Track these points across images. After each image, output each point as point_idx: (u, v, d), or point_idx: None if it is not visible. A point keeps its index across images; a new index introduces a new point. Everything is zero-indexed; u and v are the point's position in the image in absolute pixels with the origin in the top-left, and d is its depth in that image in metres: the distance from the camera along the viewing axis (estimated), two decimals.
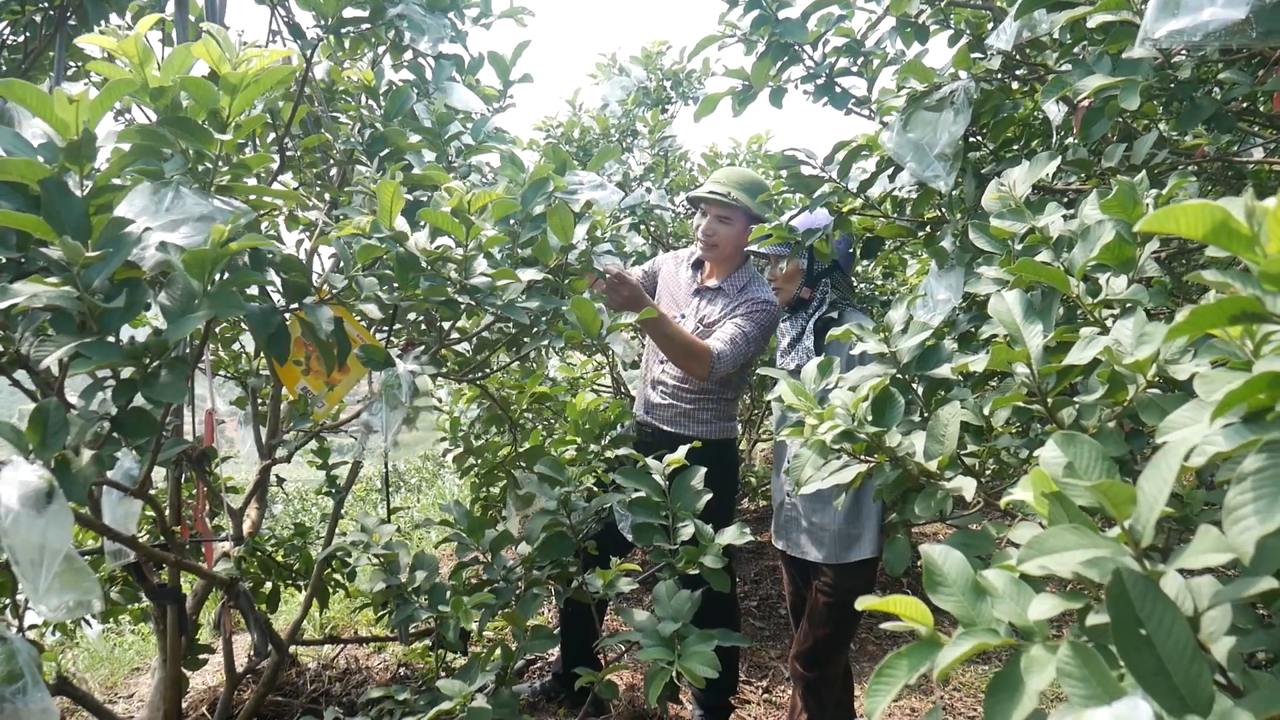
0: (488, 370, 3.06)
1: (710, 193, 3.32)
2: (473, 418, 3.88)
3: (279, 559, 3.31)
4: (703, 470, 2.24)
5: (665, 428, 3.43)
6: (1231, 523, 0.81)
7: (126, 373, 1.39)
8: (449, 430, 3.86)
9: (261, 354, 2.80)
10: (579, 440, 2.66)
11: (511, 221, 2.06)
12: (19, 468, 1.21)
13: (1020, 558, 0.89)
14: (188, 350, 2.24)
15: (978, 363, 1.49)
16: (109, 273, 1.26)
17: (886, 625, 1.04)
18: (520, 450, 3.63)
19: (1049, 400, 1.41)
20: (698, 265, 3.56)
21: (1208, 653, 0.89)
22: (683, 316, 3.45)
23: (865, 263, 4.80)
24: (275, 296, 1.78)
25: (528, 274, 1.93)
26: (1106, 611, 0.85)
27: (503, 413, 3.63)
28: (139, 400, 1.39)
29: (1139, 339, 1.21)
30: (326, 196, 2.77)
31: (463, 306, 1.90)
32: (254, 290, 1.79)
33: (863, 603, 1.04)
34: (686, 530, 2.12)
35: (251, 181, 1.65)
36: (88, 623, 3.33)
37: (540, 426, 3.89)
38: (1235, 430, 0.88)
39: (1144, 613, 0.83)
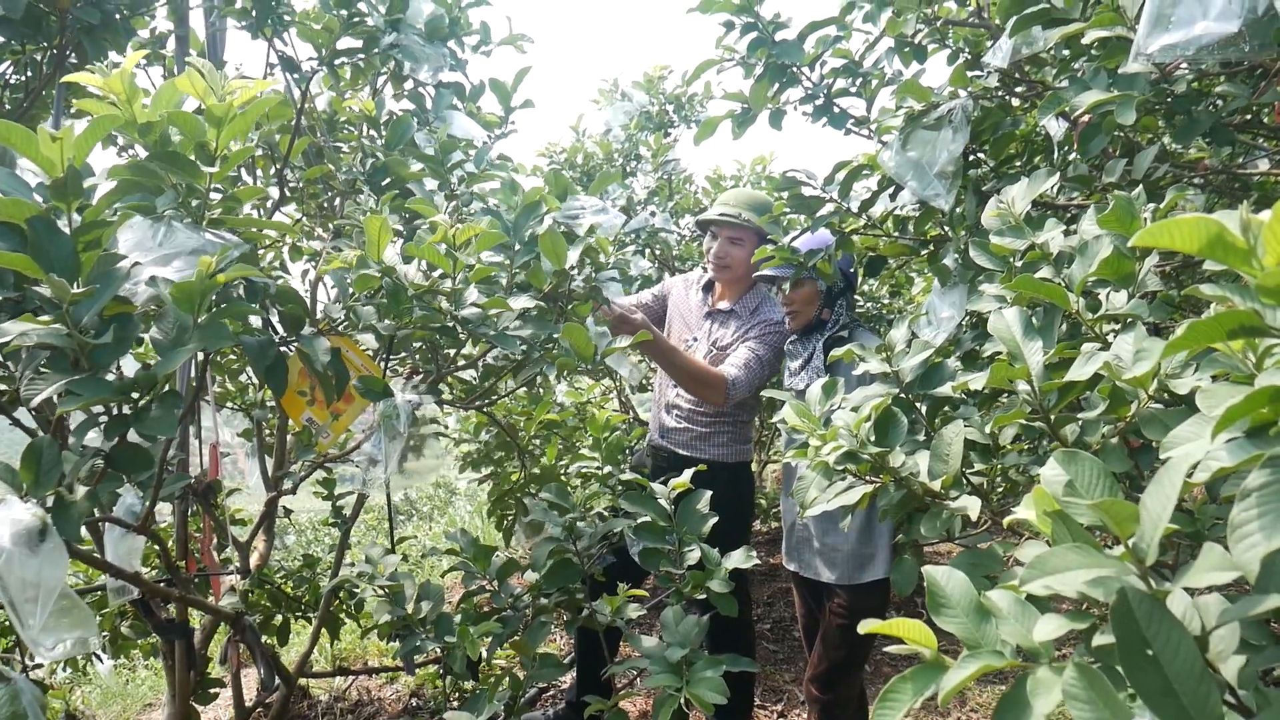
0: (493, 398, 3.06)
1: (720, 215, 3.32)
2: (483, 441, 3.89)
3: (288, 591, 3.30)
4: (708, 493, 2.22)
5: (681, 451, 3.42)
6: (1236, 540, 0.80)
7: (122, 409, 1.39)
8: (472, 431, 3.86)
9: (264, 387, 2.80)
10: (599, 458, 2.64)
11: (504, 247, 2.05)
12: (12, 506, 1.21)
13: (1023, 578, 0.88)
14: (193, 381, 2.24)
15: (977, 380, 1.48)
16: (98, 309, 1.26)
17: (891, 648, 1.02)
18: (530, 474, 3.62)
19: (1051, 417, 1.40)
20: (708, 288, 3.56)
21: (1217, 672, 0.87)
22: (695, 340, 3.44)
23: (871, 282, 4.80)
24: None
25: (519, 302, 1.92)
26: (1112, 632, 0.84)
27: (511, 439, 3.62)
28: (133, 436, 1.38)
29: (1137, 354, 1.20)
30: (330, 227, 2.78)
31: (463, 335, 1.90)
32: (257, 323, 1.79)
33: (865, 626, 1.03)
34: (693, 555, 2.11)
35: (247, 213, 1.66)
36: (99, 659, 3.32)
37: (558, 445, 3.87)
38: (1239, 445, 0.87)
39: (1150, 632, 0.82)
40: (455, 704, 2.29)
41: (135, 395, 1.33)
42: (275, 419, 2.93)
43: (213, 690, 2.88)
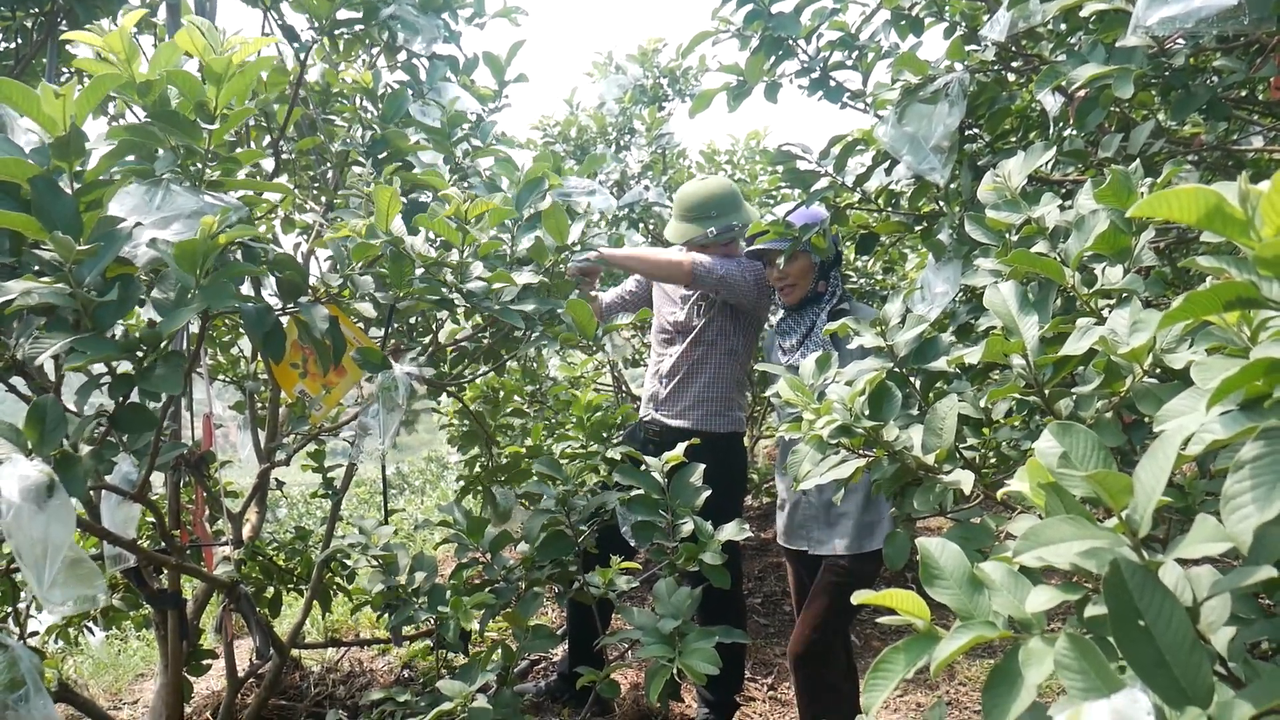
0: (463, 383, 3.03)
1: (699, 242, 3.31)
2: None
3: (280, 563, 3.30)
4: (701, 467, 2.23)
5: (673, 423, 3.42)
6: (1229, 511, 0.80)
7: (122, 369, 1.39)
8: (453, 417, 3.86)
9: (259, 357, 2.79)
10: (582, 439, 2.64)
11: (507, 223, 2.05)
12: (18, 463, 1.21)
13: (1016, 549, 0.89)
14: (184, 347, 2.23)
15: (973, 354, 1.48)
16: (101, 268, 1.25)
17: (884, 619, 1.03)
18: (497, 464, 3.60)
19: (1046, 391, 1.40)
20: None
21: (1207, 643, 0.88)
22: (680, 310, 3.45)
23: (864, 258, 4.80)
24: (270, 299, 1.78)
25: (523, 277, 1.92)
26: (1104, 603, 0.84)
27: (479, 427, 3.58)
28: (135, 397, 1.38)
29: (1133, 326, 1.20)
30: (322, 199, 2.77)
31: (459, 307, 1.90)
32: (249, 292, 1.79)
33: (859, 596, 1.04)
34: (686, 527, 2.11)
35: (243, 175, 1.65)
36: (90, 630, 3.33)
37: (541, 424, 3.87)
38: (1233, 418, 0.87)
39: (1143, 603, 0.82)
40: (446, 675, 2.30)
41: (140, 354, 1.32)
42: (267, 391, 2.92)
43: (205, 662, 2.89)
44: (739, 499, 3.57)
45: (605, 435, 2.78)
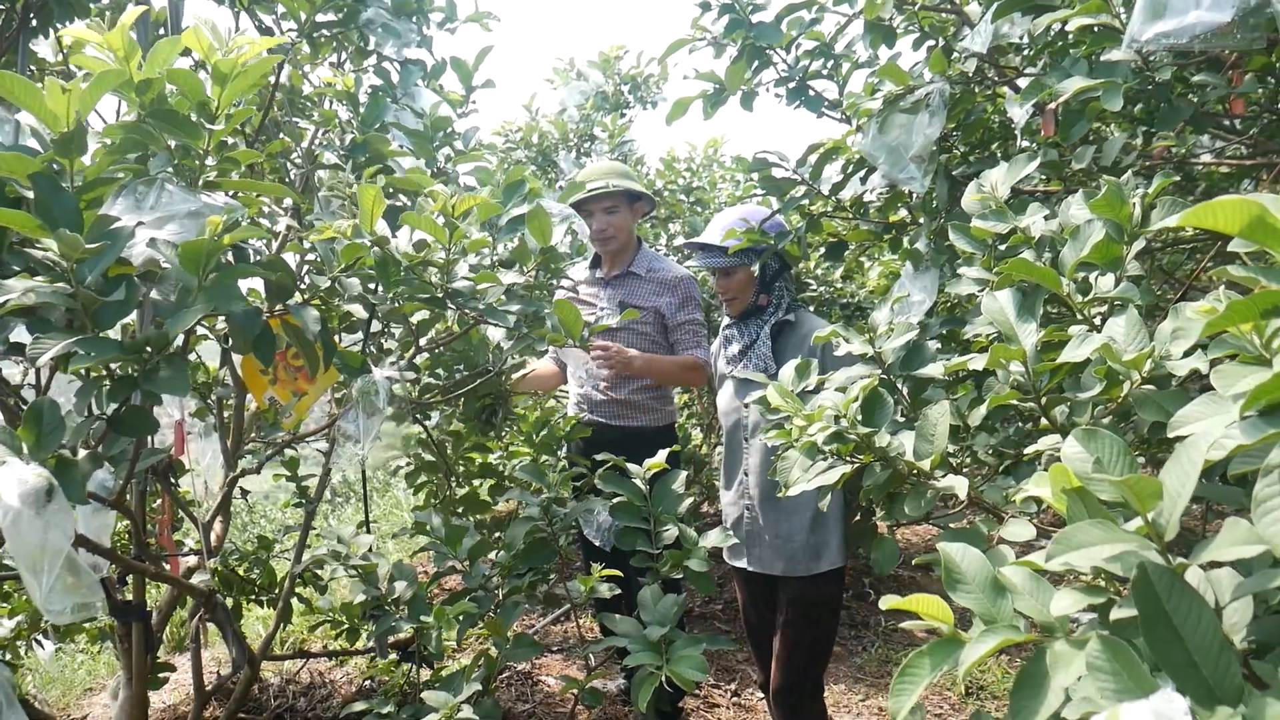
0: (428, 404, 2.97)
1: (590, 190, 3.42)
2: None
3: (241, 573, 3.23)
4: (683, 474, 2.23)
5: (615, 423, 3.49)
6: (1261, 515, 0.82)
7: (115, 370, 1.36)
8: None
9: (225, 365, 2.73)
10: (532, 453, 2.62)
11: (490, 224, 2.04)
12: (15, 467, 1.17)
13: (1049, 553, 0.90)
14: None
15: (978, 362, 1.49)
16: (104, 268, 1.22)
17: (906, 624, 1.04)
18: (455, 497, 3.56)
19: (1042, 399, 1.42)
20: (595, 264, 3.67)
21: (1232, 645, 0.90)
22: (605, 309, 3.48)
23: (826, 265, 4.84)
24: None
25: (509, 277, 1.91)
26: (1132, 605, 0.86)
27: (440, 459, 3.51)
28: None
29: (1174, 334, 1.22)
30: (288, 202, 2.72)
31: (450, 309, 1.88)
32: None
33: (886, 602, 1.04)
34: (669, 534, 2.11)
35: (236, 176, 1.62)
36: (39, 643, 3.24)
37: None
38: (1253, 424, 0.89)
39: (1171, 605, 0.84)
40: (410, 688, 2.26)
41: (145, 356, 1.29)
42: (233, 398, 2.86)
43: (162, 675, 2.81)
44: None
45: (554, 447, 2.77)
